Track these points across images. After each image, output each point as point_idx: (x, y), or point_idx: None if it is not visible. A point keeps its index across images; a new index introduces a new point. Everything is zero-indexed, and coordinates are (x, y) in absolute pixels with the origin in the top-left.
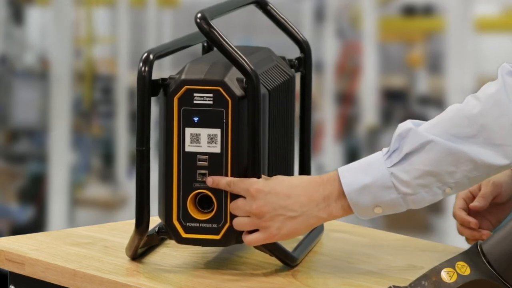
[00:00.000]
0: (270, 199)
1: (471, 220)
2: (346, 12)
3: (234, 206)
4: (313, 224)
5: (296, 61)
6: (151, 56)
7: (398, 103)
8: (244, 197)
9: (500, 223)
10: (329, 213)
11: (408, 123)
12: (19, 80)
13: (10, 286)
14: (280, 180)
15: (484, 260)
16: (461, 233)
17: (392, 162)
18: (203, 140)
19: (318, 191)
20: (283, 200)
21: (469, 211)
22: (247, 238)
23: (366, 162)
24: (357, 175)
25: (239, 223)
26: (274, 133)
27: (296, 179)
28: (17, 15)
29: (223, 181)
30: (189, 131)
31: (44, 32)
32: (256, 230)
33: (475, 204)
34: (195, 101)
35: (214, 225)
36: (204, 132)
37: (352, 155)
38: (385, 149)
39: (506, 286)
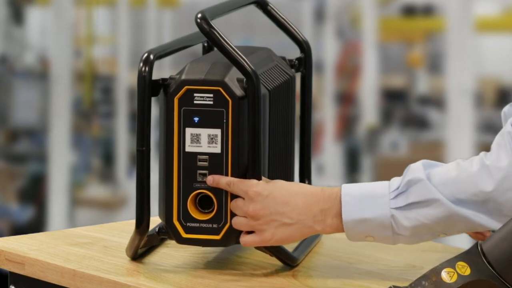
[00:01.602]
0: (267, 203)
1: None
2: (346, 12)
3: (234, 205)
4: (306, 233)
5: (296, 61)
6: (151, 56)
7: (398, 103)
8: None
9: None
10: (324, 227)
11: (420, 170)
12: (19, 80)
13: (10, 286)
14: (279, 185)
15: (485, 260)
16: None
17: (396, 204)
18: (204, 140)
19: (317, 203)
20: (281, 206)
21: None
22: (242, 239)
23: (371, 194)
24: (358, 207)
25: (237, 222)
26: (274, 133)
27: (297, 186)
28: (17, 15)
29: (223, 181)
30: (189, 131)
31: (44, 32)
32: (252, 232)
33: None
34: (195, 101)
35: (215, 225)
36: (204, 132)
37: (352, 155)
38: (393, 184)
39: (506, 286)
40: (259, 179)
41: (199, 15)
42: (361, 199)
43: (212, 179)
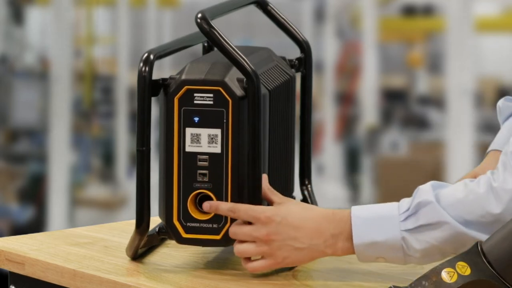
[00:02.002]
0: (281, 228)
1: None
2: (346, 12)
3: (239, 232)
4: (317, 257)
5: (296, 61)
6: (151, 56)
7: (398, 103)
8: (248, 223)
9: None
10: (334, 250)
11: (429, 192)
12: (19, 80)
13: (10, 286)
14: (291, 210)
15: (485, 260)
16: None
17: (406, 226)
18: (204, 140)
19: (328, 228)
20: (294, 231)
21: None
22: (251, 265)
23: (381, 215)
24: (369, 230)
25: (244, 250)
26: (275, 133)
27: (308, 211)
28: (17, 15)
29: (224, 207)
30: (189, 131)
31: (44, 32)
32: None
33: None
34: (195, 101)
35: (215, 225)
36: (204, 132)
37: (352, 155)
38: (402, 206)
39: (506, 286)
40: (259, 179)
41: (199, 15)
42: (371, 221)
43: (209, 206)
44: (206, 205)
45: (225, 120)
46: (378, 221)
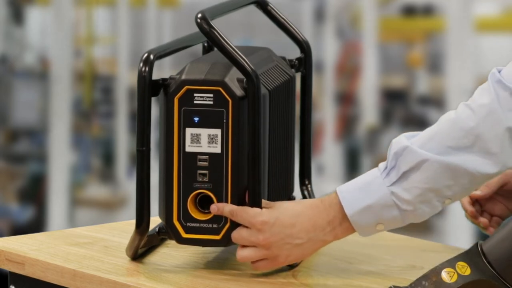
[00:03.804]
0: (276, 229)
1: (469, 208)
2: (346, 12)
3: (239, 237)
4: (319, 247)
5: (296, 61)
6: (151, 56)
7: (398, 103)
8: (246, 227)
9: None
10: (335, 236)
11: (403, 139)
12: (19, 80)
13: (10, 286)
14: (283, 209)
15: (485, 260)
16: (472, 221)
17: (391, 180)
18: (204, 140)
19: (322, 217)
20: (289, 229)
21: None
22: (256, 265)
23: (365, 182)
24: (357, 197)
25: (246, 255)
26: (275, 133)
27: (299, 206)
28: (17, 15)
29: (227, 209)
30: (189, 131)
31: (44, 32)
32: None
33: (476, 193)
34: (195, 101)
35: (215, 225)
36: (204, 132)
37: (352, 155)
38: (381, 166)
39: (506, 286)
40: (258, 179)
41: (199, 15)
42: (358, 190)
43: (216, 208)
44: (213, 207)
45: (225, 120)
46: (363, 187)
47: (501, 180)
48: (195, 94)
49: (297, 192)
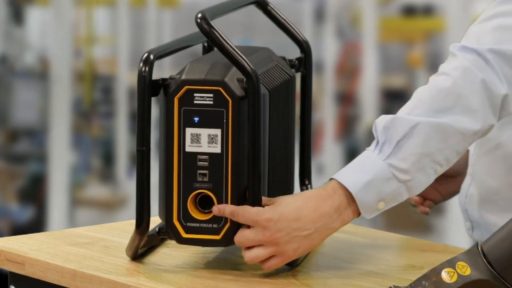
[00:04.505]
0: (281, 225)
1: None
2: (346, 12)
3: (243, 239)
4: (328, 235)
5: (296, 61)
6: (151, 56)
7: (398, 103)
8: (248, 227)
9: (450, 196)
10: (342, 221)
11: (385, 116)
12: (19, 80)
13: (10, 286)
14: (285, 204)
15: (485, 260)
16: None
17: (385, 154)
18: (204, 140)
19: (328, 205)
20: (295, 222)
21: None
22: (266, 264)
23: (360, 162)
24: (357, 175)
25: (255, 255)
26: (275, 133)
27: (301, 198)
28: (17, 15)
29: (227, 210)
30: (189, 131)
31: (44, 32)
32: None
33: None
34: (195, 101)
35: (215, 225)
36: (204, 132)
37: (352, 155)
38: (371, 146)
39: (506, 286)
40: (258, 179)
41: (199, 15)
42: (354, 171)
43: (217, 209)
44: (215, 209)
45: (225, 120)
46: (359, 167)
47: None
48: (195, 94)
49: (297, 192)
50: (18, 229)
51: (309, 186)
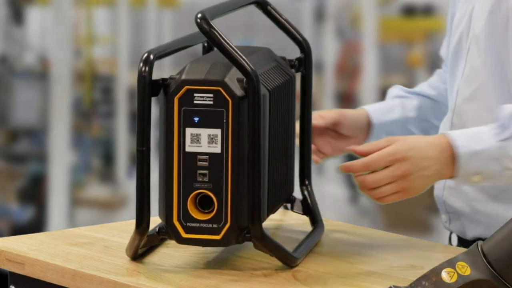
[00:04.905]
0: (416, 161)
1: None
2: (346, 12)
3: (376, 179)
4: (437, 180)
5: (296, 61)
6: (151, 56)
7: None
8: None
9: (338, 154)
10: (448, 173)
11: None
12: (19, 80)
13: (10, 286)
14: (412, 143)
15: (485, 260)
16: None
17: (503, 136)
18: (204, 140)
19: (442, 152)
20: (424, 161)
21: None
22: (388, 199)
23: (476, 132)
24: (469, 141)
25: (383, 191)
26: (275, 133)
27: (423, 140)
28: (17, 15)
29: (357, 165)
30: (189, 131)
31: (44, 32)
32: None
33: (313, 121)
34: (195, 101)
35: (215, 225)
36: (204, 132)
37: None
38: (495, 124)
39: (506, 286)
40: (259, 178)
41: (199, 15)
42: (469, 136)
43: (345, 167)
44: (343, 167)
45: (225, 120)
46: (474, 136)
47: (336, 117)
48: (195, 94)
49: (297, 192)
50: (18, 229)
51: (309, 186)
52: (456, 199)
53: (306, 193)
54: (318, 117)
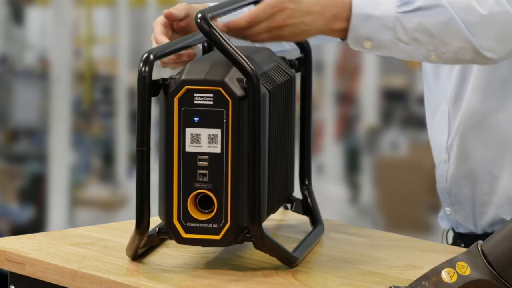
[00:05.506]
0: (295, 13)
1: (164, 40)
2: None
3: (256, 30)
4: (319, 34)
5: (296, 61)
6: (151, 56)
7: (398, 103)
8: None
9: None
10: (330, 29)
11: None
12: (19, 80)
13: (10, 286)
14: None
15: (485, 260)
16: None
17: (402, 9)
18: (204, 140)
19: (330, 10)
20: (305, 16)
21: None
22: (255, 38)
23: (378, 0)
24: (367, 5)
25: (257, 30)
26: (274, 133)
27: None
28: (17, 15)
29: (242, 21)
30: (189, 131)
31: (44, 32)
32: None
33: (167, 10)
34: (195, 101)
35: (215, 225)
36: (204, 132)
37: (352, 155)
38: None
39: (506, 286)
40: (259, 178)
41: (199, 15)
42: (371, 1)
43: (227, 27)
44: (228, 25)
45: (225, 120)
46: (377, 2)
47: (187, 10)
48: (195, 94)
49: (297, 192)
50: (18, 229)
51: (309, 186)
52: (461, 186)
53: (306, 193)
54: (173, 9)
